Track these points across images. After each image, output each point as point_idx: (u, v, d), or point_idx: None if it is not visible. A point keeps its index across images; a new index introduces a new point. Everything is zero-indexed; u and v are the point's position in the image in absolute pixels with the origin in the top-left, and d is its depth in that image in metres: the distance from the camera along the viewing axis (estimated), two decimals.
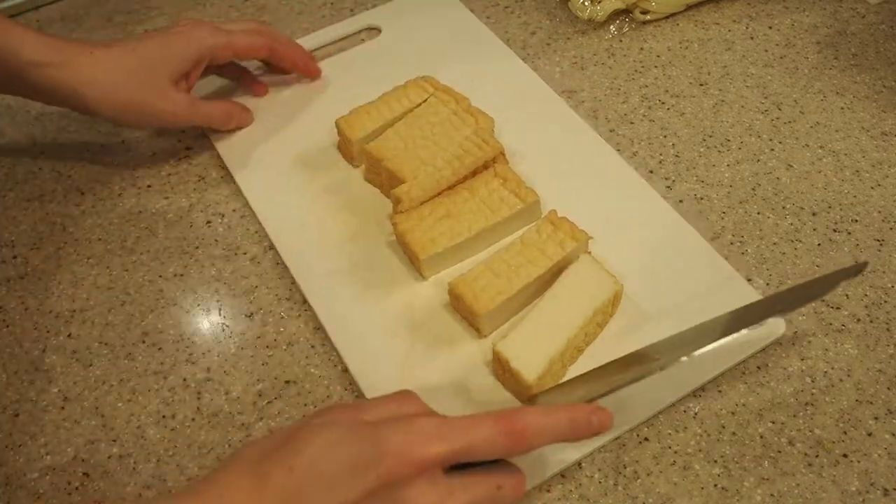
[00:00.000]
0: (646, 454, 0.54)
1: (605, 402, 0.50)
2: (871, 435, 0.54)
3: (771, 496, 0.52)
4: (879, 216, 0.66)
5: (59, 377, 0.60)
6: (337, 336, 0.60)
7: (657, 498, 0.52)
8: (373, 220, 0.66)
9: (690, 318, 0.55)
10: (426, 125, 0.67)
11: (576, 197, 0.65)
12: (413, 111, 0.68)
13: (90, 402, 0.59)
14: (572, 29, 0.81)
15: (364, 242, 0.65)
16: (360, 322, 0.60)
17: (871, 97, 0.74)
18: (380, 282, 0.62)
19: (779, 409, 0.56)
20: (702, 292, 0.60)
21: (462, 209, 0.62)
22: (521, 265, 0.58)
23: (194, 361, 0.60)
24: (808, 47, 0.78)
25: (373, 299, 0.61)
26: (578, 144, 0.70)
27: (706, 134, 0.72)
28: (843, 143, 0.70)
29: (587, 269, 0.58)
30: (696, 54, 0.78)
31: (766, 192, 0.67)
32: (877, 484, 0.52)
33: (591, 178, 0.68)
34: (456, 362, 0.58)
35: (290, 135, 0.73)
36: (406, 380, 0.56)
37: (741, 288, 0.60)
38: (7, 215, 0.70)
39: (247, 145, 0.72)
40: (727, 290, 0.60)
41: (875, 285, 0.62)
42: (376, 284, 0.62)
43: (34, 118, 0.77)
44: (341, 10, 0.84)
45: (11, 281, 0.66)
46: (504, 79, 0.75)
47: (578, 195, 0.65)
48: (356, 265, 0.63)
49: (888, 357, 0.58)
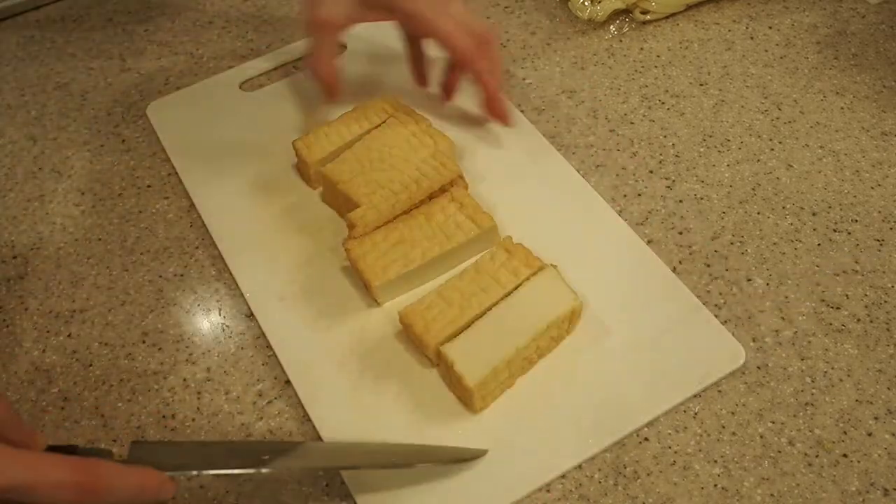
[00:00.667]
0: (646, 454, 0.54)
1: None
2: (871, 435, 0.54)
3: (771, 496, 0.52)
4: (879, 216, 0.66)
5: (59, 377, 0.60)
6: (289, 365, 0.58)
7: (657, 498, 0.52)
8: (329, 244, 0.64)
9: (648, 344, 0.57)
10: (384, 147, 0.65)
11: (538, 221, 0.64)
12: (371, 132, 0.67)
13: (90, 402, 0.59)
14: (572, 29, 0.81)
15: (319, 267, 0.63)
16: (310, 349, 0.59)
17: (871, 97, 0.74)
18: (332, 308, 0.61)
19: (779, 409, 0.56)
20: (663, 319, 0.59)
21: (417, 235, 0.60)
22: (473, 293, 0.57)
23: (194, 361, 0.60)
24: (808, 47, 0.78)
25: (324, 326, 0.60)
26: (543, 166, 0.69)
27: (706, 134, 0.72)
28: (843, 143, 0.70)
29: (548, 283, 0.57)
30: (696, 54, 0.78)
31: (766, 192, 0.67)
32: (877, 484, 0.52)
33: (554, 202, 0.66)
34: (406, 390, 0.57)
35: (250, 155, 0.71)
36: (354, 408, 0.56)
37: (701, 314, 0.59)
38: (7, 215, 0.70)
39: (205, 164, 0.70)
40: (689, 320, 0.59)
41: (875, 285, 0.62)
42: (329, 311, 0.61)
43: (34, 118, 0.77)
44: None
45: (11, 281, 0.66)
46: (467, 98, 0.72)
47: (541, 219, 0.65)
48: (309, 290, 0.62)
49: (888, 357, 0.58)
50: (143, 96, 0.78)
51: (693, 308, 0.59)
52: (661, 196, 0.67)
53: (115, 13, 0.86)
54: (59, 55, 0.82)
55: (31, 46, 0.83)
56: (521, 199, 0.66)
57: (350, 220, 0.61)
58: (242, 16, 0.85)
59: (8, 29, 0.84)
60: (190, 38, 0.83)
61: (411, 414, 0.55)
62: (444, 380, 0.57)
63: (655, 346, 0.58)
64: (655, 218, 0.66)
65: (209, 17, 0.85)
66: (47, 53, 0.82)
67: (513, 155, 0.70)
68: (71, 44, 0.83)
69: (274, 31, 0.83)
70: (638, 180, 0.69)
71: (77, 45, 0.83)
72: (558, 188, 0.67)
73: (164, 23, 0.85)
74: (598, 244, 0.64)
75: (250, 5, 0.86)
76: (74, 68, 0.81)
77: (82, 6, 0.87)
